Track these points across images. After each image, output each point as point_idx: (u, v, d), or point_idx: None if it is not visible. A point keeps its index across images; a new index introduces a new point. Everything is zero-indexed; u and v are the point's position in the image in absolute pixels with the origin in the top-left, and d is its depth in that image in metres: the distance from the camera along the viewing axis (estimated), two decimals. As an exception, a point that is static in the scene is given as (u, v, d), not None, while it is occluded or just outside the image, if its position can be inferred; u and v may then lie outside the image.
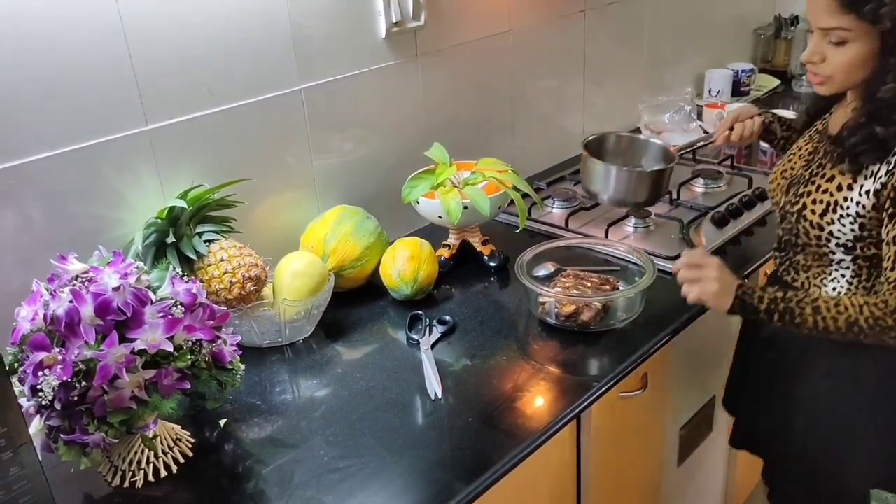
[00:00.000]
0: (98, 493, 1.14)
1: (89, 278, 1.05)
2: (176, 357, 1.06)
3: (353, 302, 1.57)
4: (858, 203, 1.19)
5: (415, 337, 1.43)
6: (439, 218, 1.60)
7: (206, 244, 1.34)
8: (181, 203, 1.32)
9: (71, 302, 1.01)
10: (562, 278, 1.51)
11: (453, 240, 1.69)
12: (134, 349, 1.02)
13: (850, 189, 1.20)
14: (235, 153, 1.49)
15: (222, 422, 1.25)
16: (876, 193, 1.17)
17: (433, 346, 1.41)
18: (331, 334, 1.48)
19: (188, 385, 1.09)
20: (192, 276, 1.28)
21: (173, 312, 1.06)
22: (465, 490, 1.08)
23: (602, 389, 1.28)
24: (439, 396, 1.27)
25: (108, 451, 1.10)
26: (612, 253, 1.62)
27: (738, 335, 1.56)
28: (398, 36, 1.68)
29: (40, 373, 0.98)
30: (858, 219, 1.20)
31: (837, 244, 1.24)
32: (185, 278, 1.13)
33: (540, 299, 1.45)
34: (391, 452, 1.16)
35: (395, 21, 1.64)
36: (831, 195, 1.22)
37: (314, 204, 1.66)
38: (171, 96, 1.37)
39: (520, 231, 1.62)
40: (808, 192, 1.26)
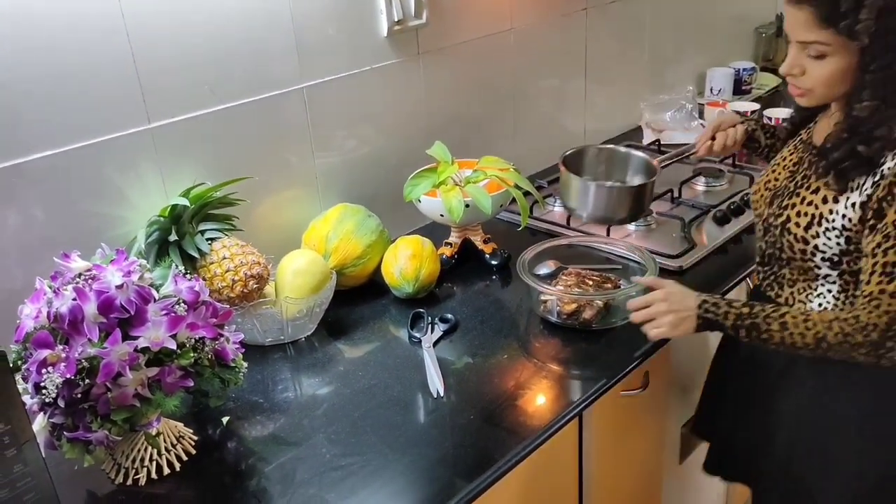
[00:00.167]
0: (101, 491, 1.14)
1: (92, 276, 1.06)
2: (179, 355, 1.06)
3: (354, 300, 1.57)
4: (844, 216, 1.15)
5: (416, 335, 1.43)
6: (441, 216, 1.60)
7: (209, 242, 1.35)
8: (183, 201, 1.32)
9: (74, 299, 1.01)
10: (563, 276, 1.52)
11: (455, 238, 1.69)
12: (137, 347, 1.02)
13: (836, 202, 1.16)
14: (237, 151, 1.50)
15: (225, 419, 1.26)
16: (862, 206, 1.13)
17: (435, 344, 1.41)
18: (333, 332, 1.48)
19: (191, 383, 1.10)
20: (195, 275, 1.28)
21: (176, 310, 1.07)
22: (467, 488, 1.09)
23: (603, 388, 1.29)
24: (441, 394, 1.27)
25: (111, 449, 1.10)
26: (614, 251, 1.63)
27: (713, 356, 1.53)
28: (400, 34, 1.68)
29: (44, 370, 0.98)
30: (845, 232, 1.16)
31: (823, 258, 1.20)
32: (188, 276, 1.14)
33: (542, 297, 1.45)
34: (393, 450, 1.17)
35: (396, 19, 1.64)
36: (816, 208, 1.19)
37: (316, 202, 1.66)
38: (173, 95, 1.37)
39: (521, 229, 1.63)
40: (793, 204, 1.22)
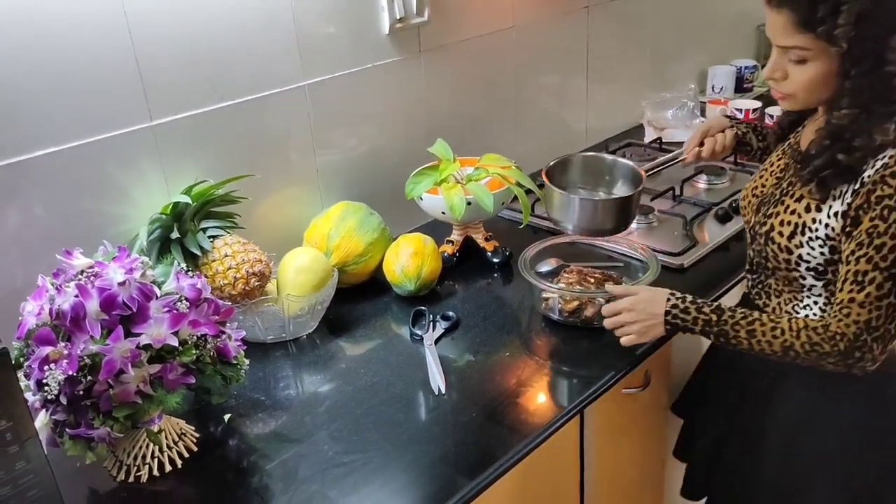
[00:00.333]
0: (103, 488, 1.14)
1: (94, 273, 1.06)
2: (181, 352, 1.06)
3: (356, 298, 1.57)
4: (827, 225, 1.14)
5: (418, 332, 1.44)
6: (443, 214, 1.60)
7: (211, 240, 1.35)
8: (185, 199, 1.32)
9: (76, 296, 1.01)
10: (565, 274, 1.51)
11: (456, 236, 1.69)
12: (139, 344, 1.02)
13: (819, 210, 1.15)
14: (239, 149, 1.49)
15: (227, 417, 1.26)
16: (843, 215, 1.12)
17: (437, 341, 1.41)
18: (334, 330, 1.48)
19: (193, 380, 1.10)
20: (197, 272, 1.28)
21: (178, 307, 1.07)
22: (469, 485, 1.09)
23: (605, 386, 1.29)
24: (443, 392, 1.27)
25: (113, 446, 1.10)
26: (616, 249, 1.62)
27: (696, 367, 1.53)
28: (401, 32, 1.68)
29: (46, 367, 0.98)
30: (828, 241, 1.15)
31: (808, 268, 1.19)
32: (190, 273, 1.14)
33: (543, 295, 1.45)
34: (395, 447, 1.17)
35: (398, 17, 1.64)
36: (799, 216, 1.18)
37: (317, 200, 1.66)
38: (175, 92, 1.37)
39: (523, 227, 1.62)
40: (777, 212, 1.21)
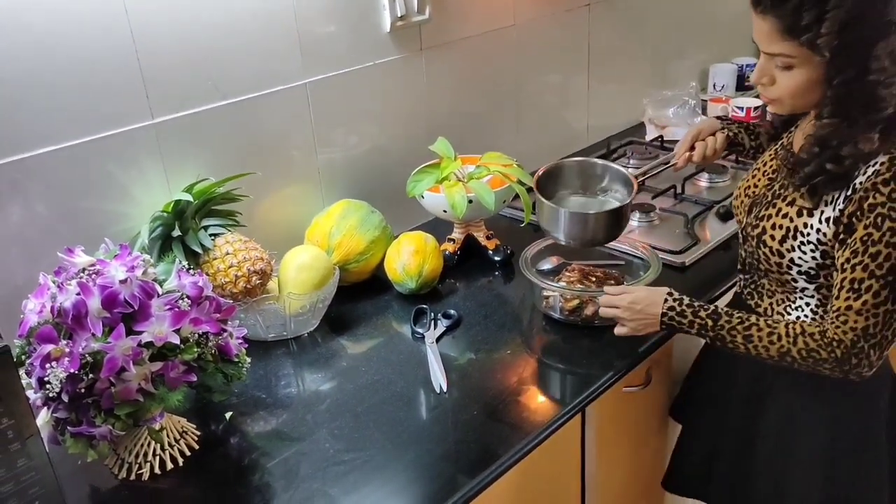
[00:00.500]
0: (105, 486, 1.14)
1: (96, 271, 1.06)
2: (182, 350, 1.06)
3: (357, 296, 1.57)
4: (819, 230, 1.14)
5: (419, 331, 1.44)
6: (444, 212, 1.60)
7: (212, 238, 1.35)
8: (187, 197, 1.32)
9: (78, 294, 1.01)
10: (567, 273, 1.51)
11: (458, 234, 1.69)
12: (141, 342, 1.02)
13: (811, 216, 1.15)
14: (240, 147, 1.49)
15: (228, 415, 1.26)
16: (835, 221, 1.12)
17: (438, 339, 1.41)
18: (336, 328, 1.48)
19: (194, 378, 1.10)
20: (198, 270, 1.28)
21: (180, 305, 1.07)
22: (470, 484, 1.09)
23: (606, 384, 1.29)
24: (444, 390, 1.27)
25: (114, 444, 1.10)
26: (618, 248, 1.61)
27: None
28: (403, 30, 1.68)
29: (48, 365, 0.98)
30: (820, 246, 1.15)
31: (799, 272, 1.19)
32: (192, 272, 1.14)
33: (544, 293, 1.45)
34: (396, 446, 1.17)
35: (399, 15, 1.64)
36: (791, 220, 1.17)
37: (319, 198, 1.66)
38: (176, 90, 1.37)
39: (524, 225, 1.62)
40: (769, 215, 1.21)
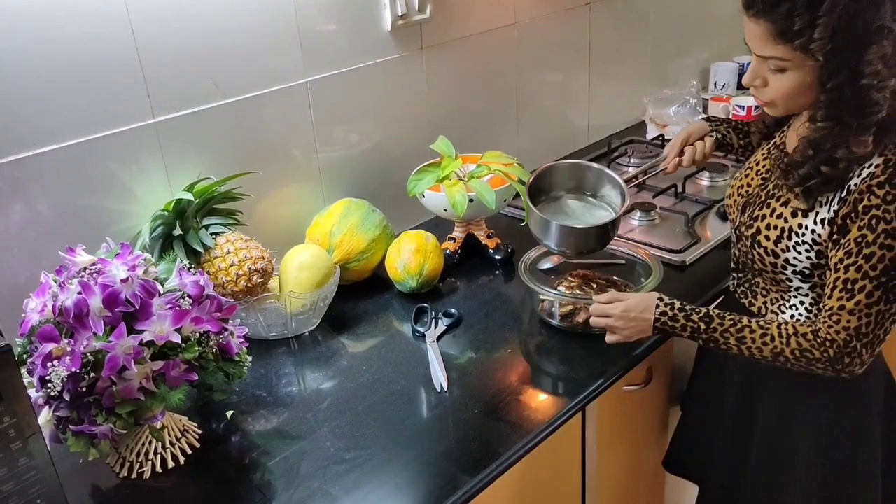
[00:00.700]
0: (106, 484, 1.15)
1: (97, 270, 1.06)
2: (183, 349, 1.06)
3: (358, 294, 1.57)
4: (814, 231, 1.14)
5: (420, 329, 1.44)
6: (445, 211, 1.60)
7: (213, 237, 1.35)
8: (188, 196, 1.32)
9: (79, 293, 1.02)
10: (570, 278, 1.50)
11: (458, 233, 1.69)
12: (142, 340, 1.03)
13: (805, 216, 1.15)
14: (241, 146, 1.49)
15: (229, 413, 1.26)
16: (830, 222, 1.12)
17: (438, 338, 1.41)
18: (336, 327, 1.49)
19: (195, 376, 1.10)
20: (199, 269, 1.28)
21: (181, 304, 1.07)
22: (471, 482, 1.09)
23: (606, 383, 1.29)
24: (445, 389, 1.28)
25: (115, 442, 1.11)
26: (619, 251, 1.59)
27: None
28: (403, 29, 1.68)
29: (49, 364, 0.99)
30: (815, 246, 1.15)
31: (794, 272, 1.19)
32: (193, 271, 1.14)
33: (540, 297, 1.44)
34: (397, 444, 1.17)
35: (400, 14, 1.64)
36: (786, 221, 1.17)
37: (319, 197, 1.66)
38: (177, 89, 1.37)
39: (525, 224, 1.62)
40: (763, 215, 1.21)
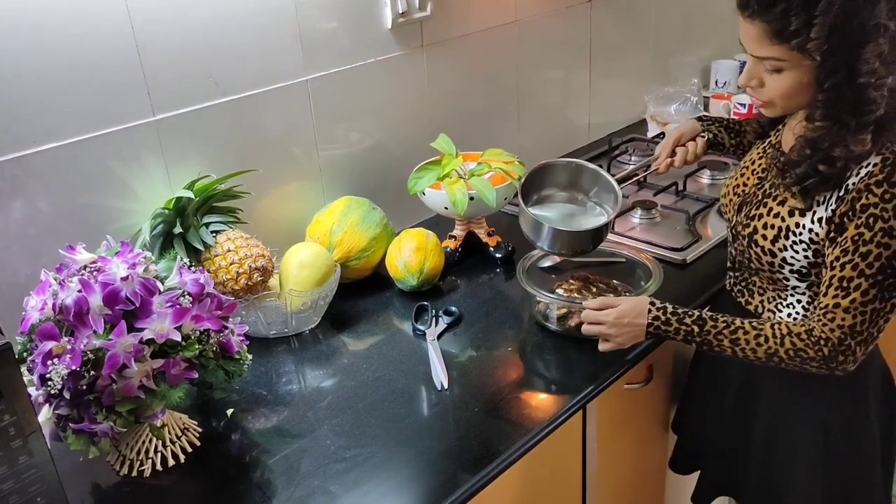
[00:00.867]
0: (106, 482, 1.15)
1: (98, 268, 1.06)
2: (184, 347, 1.06)
3: (359, 293, 1.57)
4: (811, 230, 1.14)
5: (421, 328, 1.44)
6: (445, 209, 1.60)
7: (213, 235, 1.35)
8: (188, 193, 1.32)
9: (80, 291, 1.01)
10: (570, 280, 1.49)
11: (459, 231, 1.69)
12: (142, 339, 1.02)
13: (803, 215, 1.15)
14: (242, 144, 1.49)
15: (229, 411, 1.26)
16: (828, 221, 1.12)
17: (439, 336, 1.41)
18: (337, 325, 1.48)
19: (196, 375, 1.10)
20: (200, 267, 1.28)
21: (181, 302, 1.07)
22: (471, 480, 1.09)
23: (607, 381, 1.29)
24: (445, 387, 1.27)
25: (116, 441, 1.11)
26: (621, 253, 1.57)
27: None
28: (404, 26, 1.67)
29: (49, 362, 0.98)
30: (812, 245, 1.15)
31: (791, 271, 1.19)
32: (193, 269, 1.14)
33: (536, 298, 1.43)
34: (397, 442, 1.17)
35: (401, 12, 1.64)
36: (783, 220, 1.17)
37: (320, 195, 1.66)
38: (177, 87, 1.37)
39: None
40: (760, 214, 1.21)
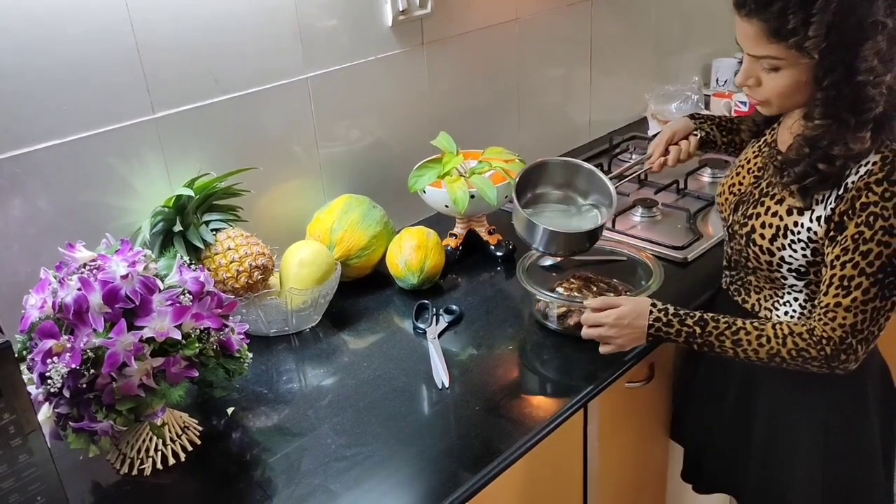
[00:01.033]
0: (106, 481, 1.14)
1: (97, 266, 1.05)
2: (184, 345, 1.06)
3: (359, 291, 1.57)
4: (810, 229, 1.14)
5: (421, 326, 1.43)
6: (446, 207, 1.60)
7: (213, 233, 1.34)
8: (188, 191, 1.32)
9: (79, 289, 1.01)
10: (571, 279, 1.49)
11: (460, 229, 1.69)
12: (142, 337, 1.02)
13: (801, 214, 1.15)
14: (242, 142, 1.49)
15: (230, 410, 1.26)
16: (827, 220, 1.12)
17: (440, 335, 1.41)
18: (337, 323, 1.48)
19: (196, 373, 1.10)
20: (200, 265, 1.28)
21: (181, 300, 1.07)
22: (472, 479, 1.08)
23: (608, 379, 1.28)
24: (446, 385, 1.27)
25: (116, 439, 1.10)
26: (621, 251, 1.57)
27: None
28: (404, 24, 1.67)
29: (49, 360, 0.98)
30: (811, 244, 1.15)
31: (789, 269, 1.19)
32: (193, 267, 1.14)
33: (536, 297, 1.43)
34: (398, 441, 1.17)
35: (401, 9, 1.63)
36: (781, 219, 1.17)
37: (320, 193, 1.65)
38: (177, 85, 1.37)
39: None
40: (757, 214, 1.21)
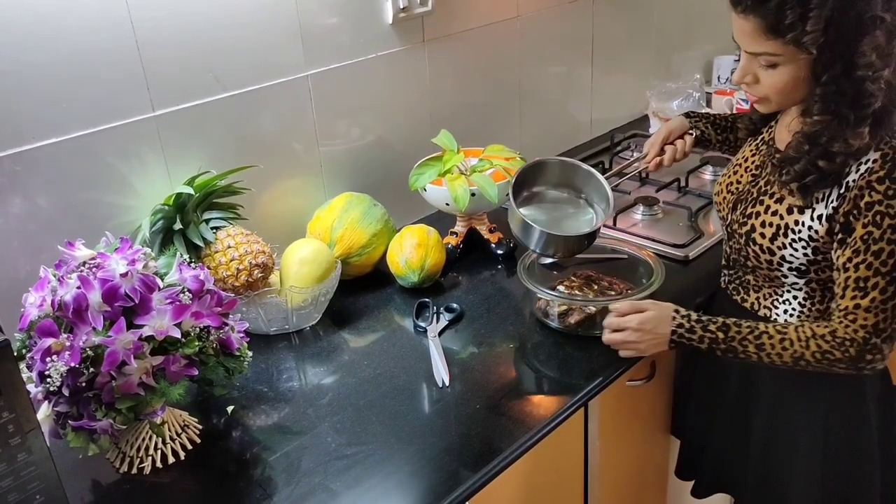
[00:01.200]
0: (106, 480, 1.14)
1: (97, 264, 1.05)
2: (183, 343, 1.06)
3: (359, 289, 1.57)
4: (811, 228, 1.13)
5: (422, 324, 1.43)
6: (446, 205, 1.60)
7: (213, 231, 1.34)
8: (188, 190, 1.31)
9: (79, 288, 1.01)
10: (572, 277, 1.48)
11: (460, 227, 1.68)
12: (142, 335, 1.02)
13: (802, 213, 1.14)
14: (242, 140, 1.49)
15: (229, 409, 1.25)
16: (829, 219, 1.11)
17: (440, 333, 1.41)
18: (338, 322, 1.48)
19: (196, 371, 1.09)
20: (200, 263, 1.28)
21: (181, 299, 1.06)
22: (473, 478, 1.08)
23: (610, 378, 1.28)
24: (446, 384, 1.27)
25: (115, 438, 1.10)
26: (622, 250, 1.57)
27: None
28: (405, 21, 1.67)
29: (48, 359, 0.98)
30: (811, 243, 1.14)
31: (790, 268, 1.19)
32: (193, 265, 1.13)
33: (537, 295, 1.42)
34: (399, 439, 1.16)
35: (402, 7, 1.63)
36: (781, 218, 1.17)
37: (321, 191, 1.65)
38: (177, 83, 1.36)
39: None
40: (757, 213, 1.20)
